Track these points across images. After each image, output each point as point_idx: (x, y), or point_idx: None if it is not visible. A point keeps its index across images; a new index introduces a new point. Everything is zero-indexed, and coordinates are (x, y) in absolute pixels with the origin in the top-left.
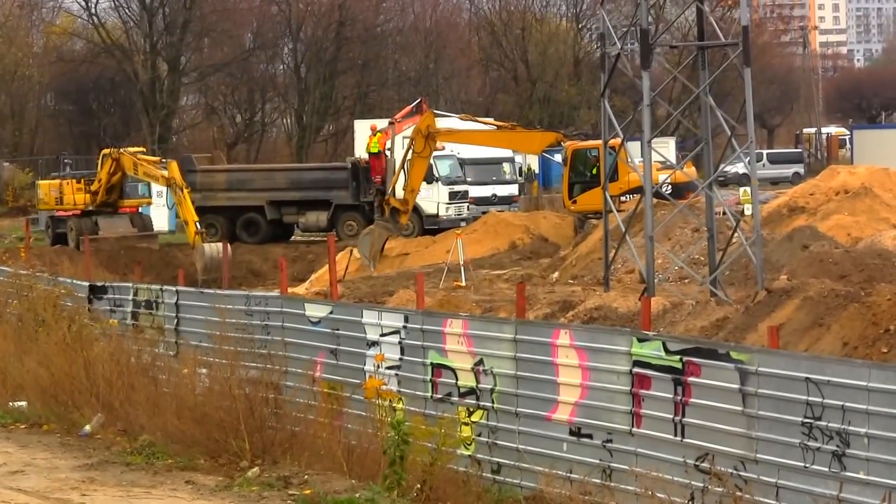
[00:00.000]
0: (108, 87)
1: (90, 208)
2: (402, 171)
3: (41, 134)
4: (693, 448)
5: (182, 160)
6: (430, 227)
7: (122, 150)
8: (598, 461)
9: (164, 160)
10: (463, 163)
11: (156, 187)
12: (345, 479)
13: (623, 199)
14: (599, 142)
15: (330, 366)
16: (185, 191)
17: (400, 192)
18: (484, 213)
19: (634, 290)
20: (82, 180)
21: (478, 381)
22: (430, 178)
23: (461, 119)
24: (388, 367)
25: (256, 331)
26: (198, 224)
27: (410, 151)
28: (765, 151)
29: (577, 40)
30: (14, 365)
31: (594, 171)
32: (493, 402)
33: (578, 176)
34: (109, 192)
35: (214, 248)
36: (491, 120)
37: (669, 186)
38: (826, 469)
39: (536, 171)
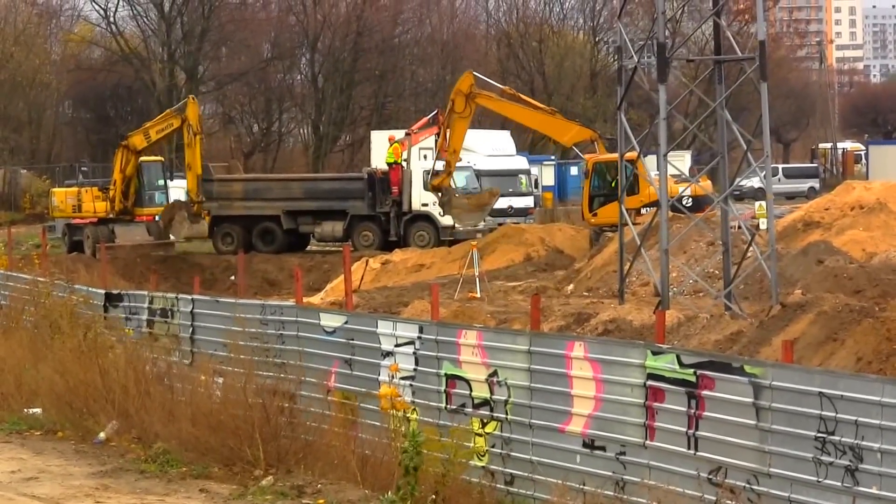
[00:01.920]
0: (126, 95)
1: (110, 216)
2: (442, 137)
3: (59, 141)
4: (706, 461)
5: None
6: (446, 238)
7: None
8: (611, 473)
9: (177, 105)
10: (479, 174)
11: (172, 195)
12: (358, 489)
13: (643, 211)
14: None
15: (344, 375)
16: (198, 136)
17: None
18: (500, 224)
19: (649, 302)
20: (93, 189)
21: (492, 393)
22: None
23: (505, 91)
24: (403, 378)
25: (271, 340)
26: (199, 176)
27: (449, 112)
28: (780, 166)
29: (594, 53)
30: (29, 372)
31: (613, 184)
32: (506, 414)
33: (598, 189)
34: (126, 193)
35: (196, 228)
36: (532, 100)
37: (690, 199)
38: (839, 484)
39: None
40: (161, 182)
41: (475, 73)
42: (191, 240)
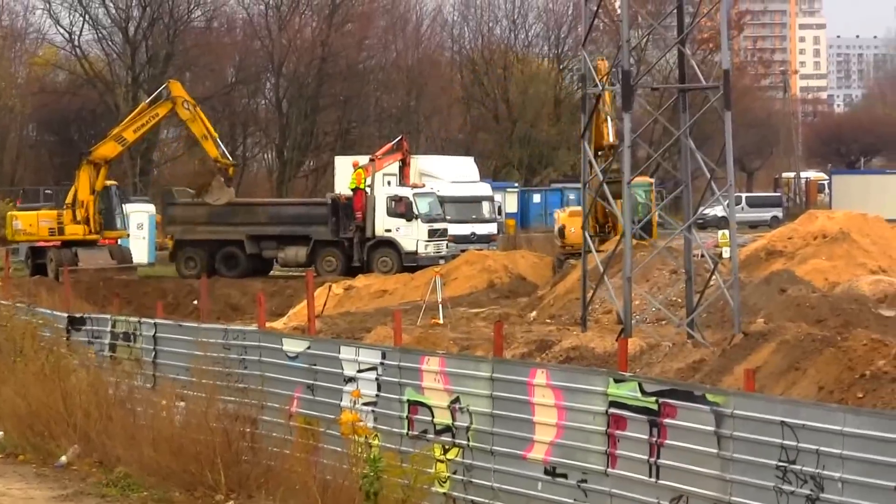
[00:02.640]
0: (90, 118)
1: (90, 237)
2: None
3: (22, 164)
4: (668, 489)
5: (163, 193)
6: (409, 264)
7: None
8: (572, 501)
9: (155, 94)
10: (443, 200)
11: (135, 219)
12: None
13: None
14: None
15: (306, 401)
16: (197, 106)
17: (380, 222)
18: (463, 251)
19: (612, 330)
20: (64, 211)
21: (454, 419)
22: (409, 215)
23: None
24: (365, 404)
25: (234, 365)
26: (217, 140)
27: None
28: (744, 195)
29: (559, 80)
30: None
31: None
32: (468, 440)
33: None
34: (98, 209)
35: (230, 193)
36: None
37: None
38: None
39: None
40: (115, 207)
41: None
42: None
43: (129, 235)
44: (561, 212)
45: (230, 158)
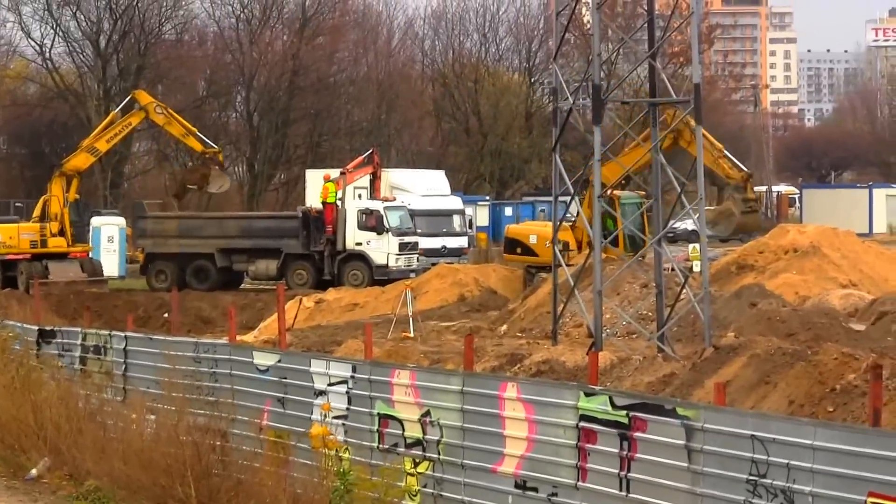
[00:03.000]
0: (62, 131)
1: (67, 248)
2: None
3: None
4: (638, 503)
5: (133, 206)
6: (380, 277)
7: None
8: None
9: (123, 103)
10: (413, 214)
11: (105, 232)
12: None
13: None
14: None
15: (277, 414)
16: (169, 109)
17: (350, 235)
18: (433, 264)
19: (582, 344)
20: (34, 224)
21: (424, 433)
22: (380, 228)
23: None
24: (335, 417)
25: (204, 378)
26: (198, 133)
27: None
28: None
29: (529, 94)
30: None
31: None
32: (439, 454)
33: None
34: (71, 219)
35: (227, 180)
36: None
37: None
38: None
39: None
40: (77, 220)
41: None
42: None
43: (91, 249)
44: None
45: (214, 146)
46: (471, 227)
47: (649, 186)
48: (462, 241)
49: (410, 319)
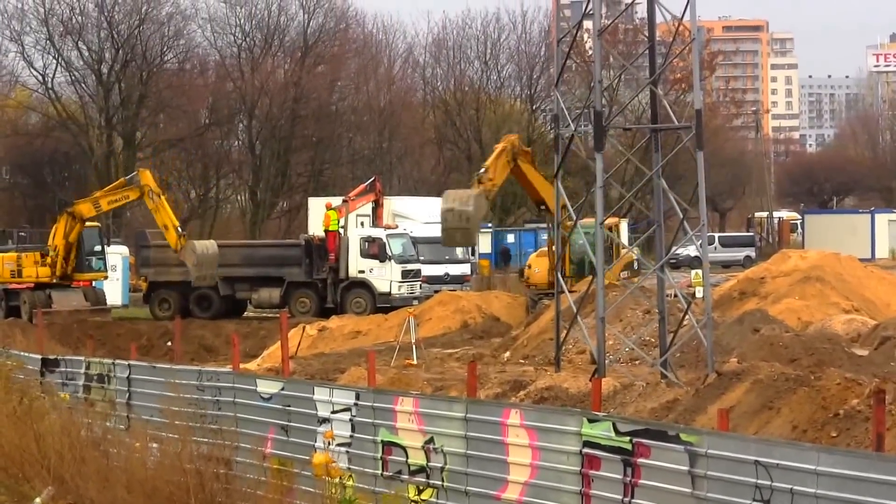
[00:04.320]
0: (63, 160)
1: (53, 280)
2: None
3: None
4: None
5: (136, 236)
6: (383, 305)
7: (70, 205)
8: None
9: (129, 175)
10: (416, 241)
11: (109, 261)
12: None
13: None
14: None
15: (280, 442)
16: (163, 196)
17: (353, 263)
18: (436, 291)
19: (585, 370)
20: (34, 254)
21: (428, 460)
22: (382, 256)
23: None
24: (339, 444)
25: (208, 406)
26: (178, 228)
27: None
28: (717, 234)
29: (531, 121)
30: None
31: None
32: (442, 481)
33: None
34: (67, 259)
35: (206, 244)
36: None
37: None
38: None
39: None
40: (98, 248)
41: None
42: (202, 272)
43: (106, 277)
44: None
45: (184, 236)
46: (473, 254)
47: (651, 212)
48: (465, 269)
49: (413, 347)
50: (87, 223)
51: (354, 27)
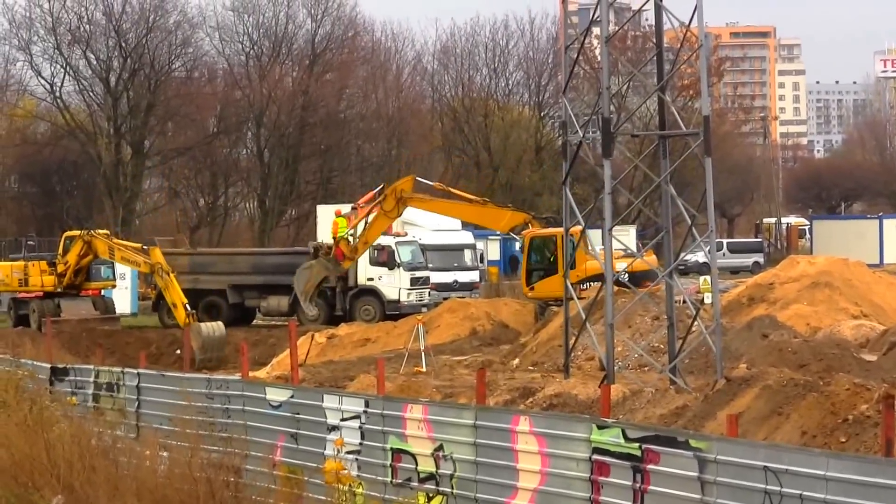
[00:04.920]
0: (72, 169)
1: (59, 290)
2: (364, 221)
3: (4, 215)
4: None
5: (145, 244)
6: (392, 312)
7: (92, 232)
8: None
9: (145, 247)
10: (424, 249)
11: (117, 269)
12: None
13: (582, 287)
14: (556, 230)
15: (290, 449)
16: (172, 275)
17: (362, 271)
18: (445, 298)
19: (594, 377)
20: (41, 262)
21: (437, 467)
22: (391, 263)
23: (436, 188)
24: (348, 452)
25: (217, 414)
26: (187, 306)
27: (378, 207)
28: (725, 241)
29: (539, 128)
30: None
31: (552, 259)
32: (452, 488)
33: (536, 263)
34: (76, 274)
35: (212, 326)
36: (463, 193)
37: (627, 275)
38: None
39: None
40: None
41: (418, 177)
42: (207, 354)
43: (115, 286)
44: None
45: (193, 316)
46: (482, 261)
47: (659, 218)
48: (473, 276)
49: (422, 354)
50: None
51: (363, 35)
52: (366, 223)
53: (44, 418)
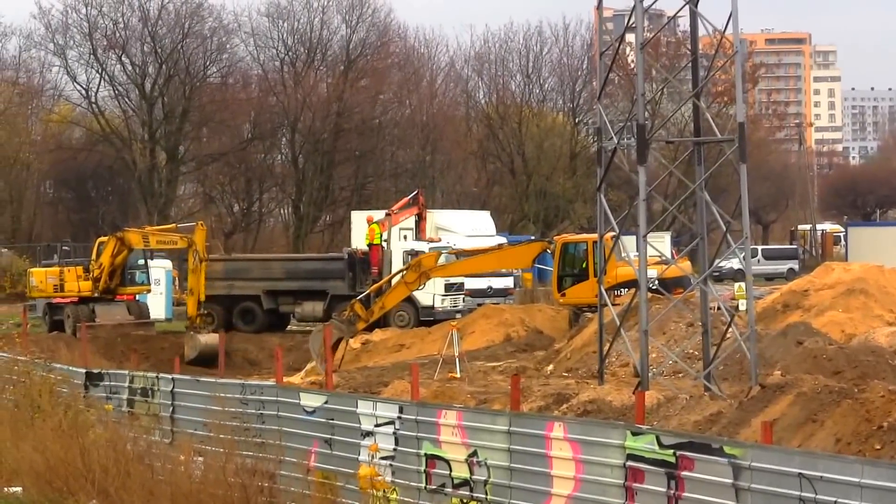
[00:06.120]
0: (107, 175)
1: (95, 295)
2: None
3: (39, 221)
4: None
5: (180, 250)
6: (426, 318)
7: (123, 228)
8: None
9: (181, 226)
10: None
11: (153, 275)
12: None
13: (616, 293)
14: (588, 236)
15: (324, 455)
16: (204, 262)
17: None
18: (479, 305)
19: (629, 383)
20: (76, 268)
21: (472, 473)
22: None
23: (450, 253)
24: (383, 458)
25: (251, 419)
26: (202, 302)
27: (401, 274)
28: (760, 247)
29: (574, 134)
30: (10, 451)
31: (583, 265)
32: (486, 494)
33: (567, 269)
34: (112, 276)
35: (209, 338)
36: (478, 246)
37: (657, 281)
38: None
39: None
40: (141, 262)
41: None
42: (205, 353)
43: (150, 291)
44: None
45: (202, 316)
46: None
47: (694, 225)
48: (508, 282)
49: (457, 360)
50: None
51: (397, 41)
52: (380, 291)
53: (79, 423)
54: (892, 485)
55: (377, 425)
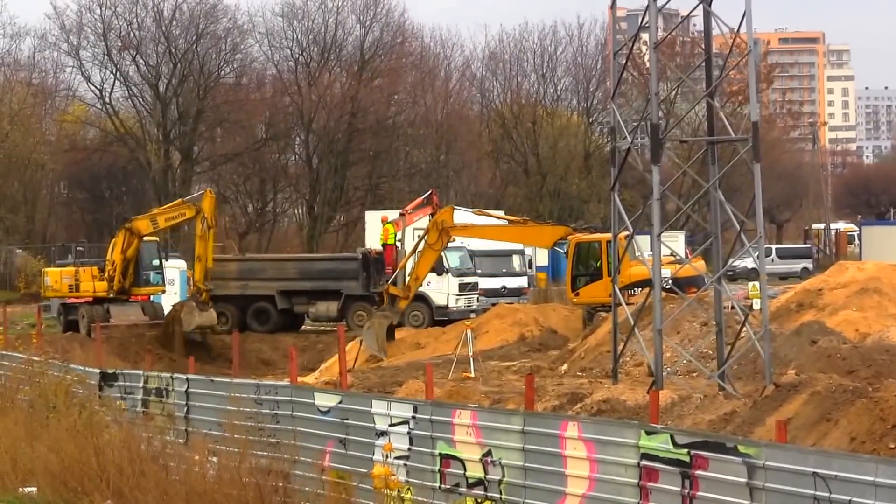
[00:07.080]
0: (121, 175)
1: (110, 295)
2: (412, 258)
3: (54, 221)
4: None
5: (194, 250)
6: (440, 318)
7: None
8: None
9: (187, 198)
10: (473, 255)
11: (169, 275)
12: None
13: (630, 292)
14: (601, 235)
15: (339, 455)
16: (212, 230)
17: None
18: (494, 304)
19: (643, 382)
20: (91, 268)
21: (486, 472)
22: (440, 269)
23: (475, 213)
24: (397, 457)
25: (266, 419)
26: (209, 271)
27: (423, 241)
28: (774, 246)
29: (588, 134)
30: (24, 450)
31: (598, 265)
32: (501, 494)
33: (581, 268)
34: (125, 273)
35: (204, 318)
36: (502, 214)
37: (671, 281)
38: None
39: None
40: (156, 262)
41: (455, 206)
42: (202, 330)
43: (164, 291)
44: None
45: (209, 284)
46: (530, 267)
47: (708, 224)
48: (522, 282)
49: (471, 359)
50: (146, 238)
51: (411, 41)
52: (414, 259)
53: (93, 423)
54: None
55: (392, 425)
